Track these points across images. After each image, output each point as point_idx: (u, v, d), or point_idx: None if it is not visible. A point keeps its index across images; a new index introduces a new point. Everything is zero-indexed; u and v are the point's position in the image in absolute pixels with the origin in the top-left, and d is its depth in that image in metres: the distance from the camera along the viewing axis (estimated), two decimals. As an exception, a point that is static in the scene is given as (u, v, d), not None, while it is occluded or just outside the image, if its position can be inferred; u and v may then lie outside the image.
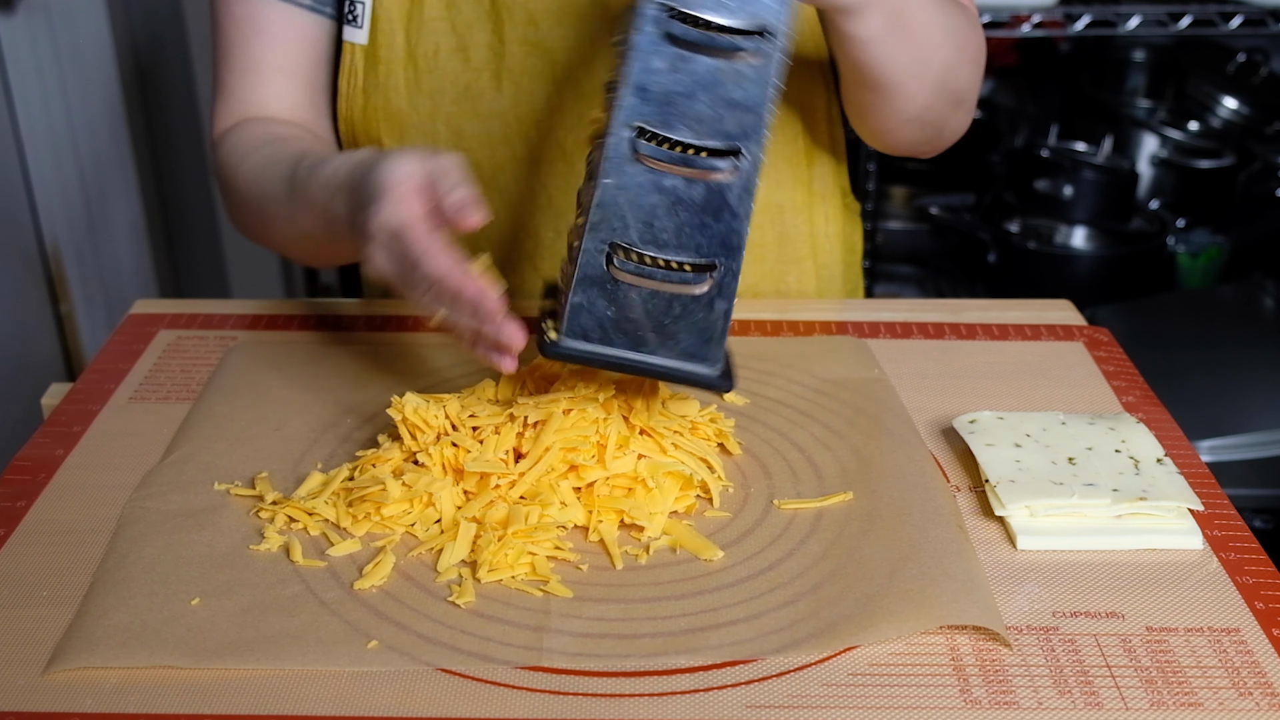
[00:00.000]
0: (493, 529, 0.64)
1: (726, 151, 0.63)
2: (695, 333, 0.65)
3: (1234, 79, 2.05)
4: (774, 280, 0.96)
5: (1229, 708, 0.55)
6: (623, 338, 0.65)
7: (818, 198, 0.95)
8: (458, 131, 0.90)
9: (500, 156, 0.91)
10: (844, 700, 0.55)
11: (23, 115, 1.62)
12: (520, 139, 0.90)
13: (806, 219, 0.95)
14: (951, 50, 0.80)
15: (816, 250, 0.97)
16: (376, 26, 0.88)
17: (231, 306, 0.91)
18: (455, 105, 0.89)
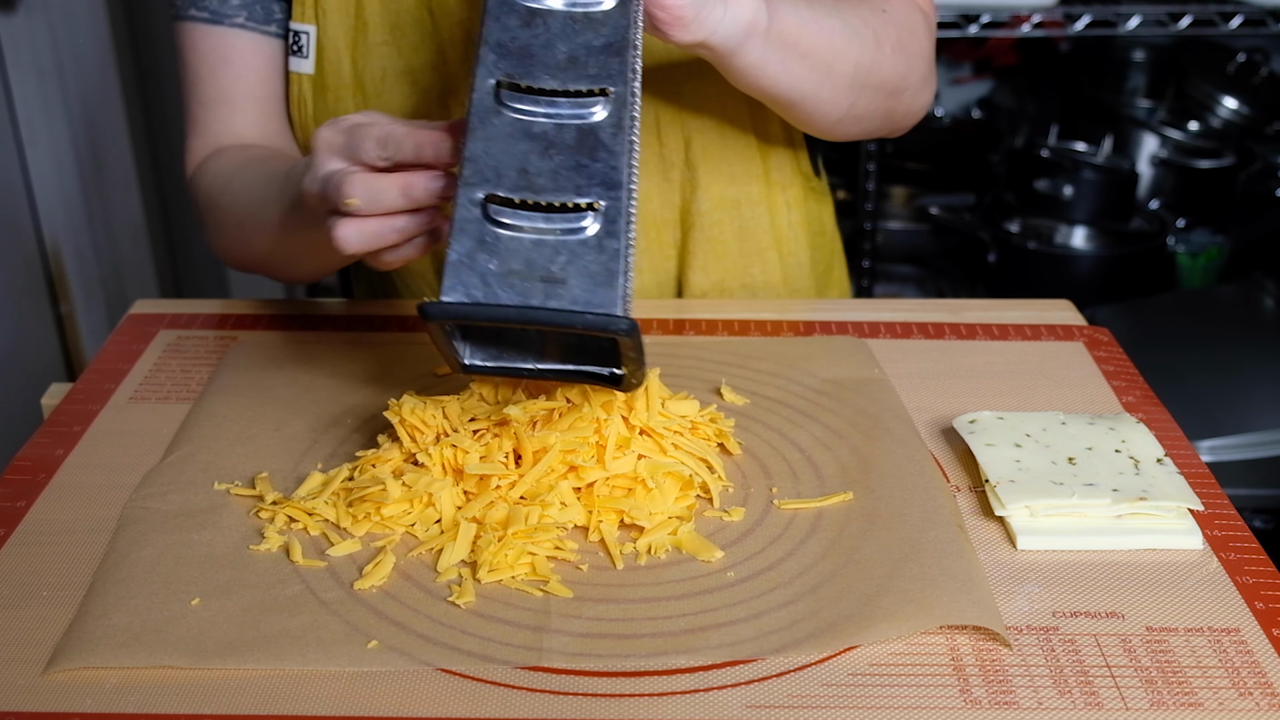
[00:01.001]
0: (493, 529, 0.64)
1: (592, 92, 0.63)
2: (587, 277, 0.62)
3: (1234, 79, 2.05)
4: (738, 275, 0.97)
5: (1229, 708, 0.55)
6: (508, 291, 0.62)
7: (776, 188, 0.95)
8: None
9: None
10: (844, 700, 0.55)
11: (23, 115, 1.62)
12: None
13: (766, 210, 0.95)
14: (861, 48, 0.79)
15: (780, 240, 0.97)
16: (322, 55, 0.88)
17: (231, 306, 0.91)
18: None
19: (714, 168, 0.93)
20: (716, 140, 0.93)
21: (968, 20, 1.69)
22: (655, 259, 0.96)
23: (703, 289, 0.96)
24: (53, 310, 1.73)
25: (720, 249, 0.95)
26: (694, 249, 0.95)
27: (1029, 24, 1.71)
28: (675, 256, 0.97)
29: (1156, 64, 2.17)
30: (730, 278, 0.96)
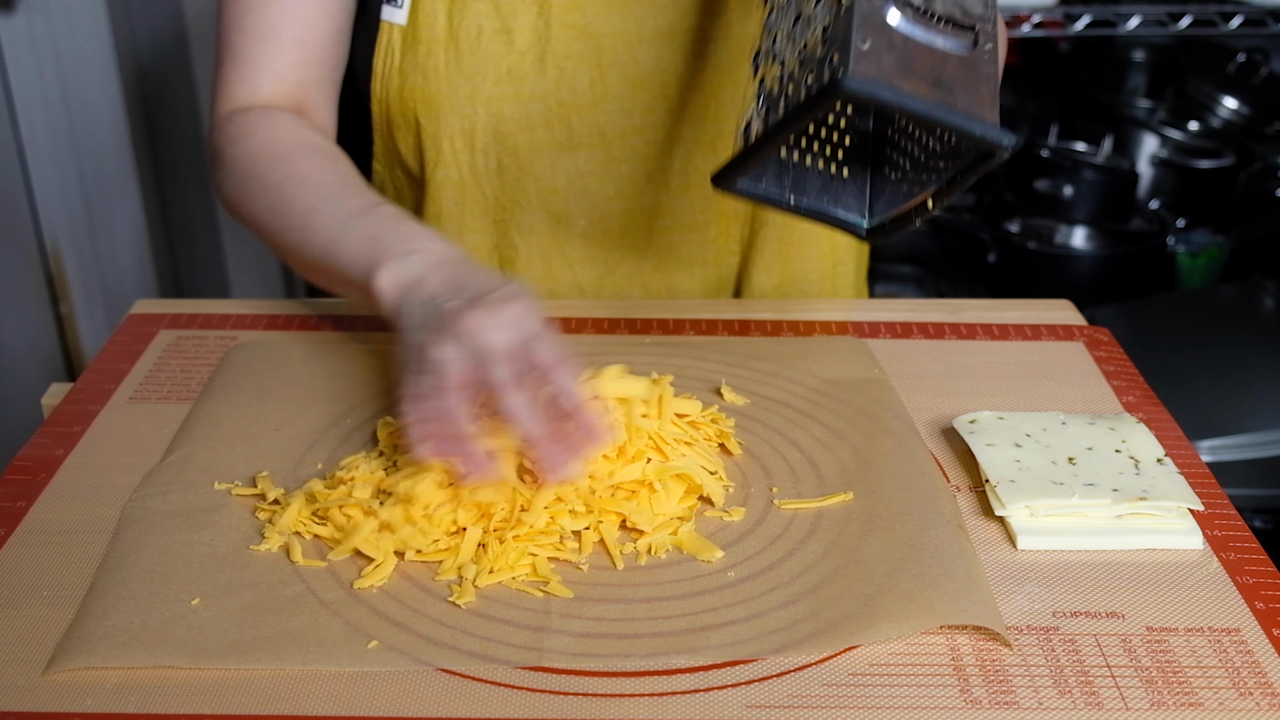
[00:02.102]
0: (493, 532, 0.64)
1: None
2: (971, 93, 0.62)
3: (1234, 79, 2.05)
4: (797, 278, 0.97)
5: (1229, 708, 0.55)
6: (910, 86, 0.62)
7: None
8: (497, 114, 0.89)
9: (538, 140, 0.90)
10: (844, 700, 0.55)
11: (23, 115, 1.62)
12: (560, 124, 0.90)
13: None
14: None
15: (835, 245, 0.97)
16: (418, 7, 0.87)
17: (231, 306, 0.91)
18: (496, 88, 0.88)
19: None
20: None
21: (968, 20, 1.69)
22: (721, 253, 0.96)
23: (763, 289, 0.96)
24: (53, 310, 1.73)
25: (787, 250, 0.95)
26: (761, 247, 0.95)
27: (1029, 24, 1.71)
28: (739, 253, 0.96)
29: (1156, 64, 2.16)
30: (789, 282, 0.96)
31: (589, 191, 0.91)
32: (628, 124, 0.90)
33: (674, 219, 0.94)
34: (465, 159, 0.91)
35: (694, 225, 0.94)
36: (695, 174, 0.93)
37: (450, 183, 0.92)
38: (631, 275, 0.96)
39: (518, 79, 0.88)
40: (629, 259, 0.95)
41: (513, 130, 0.89)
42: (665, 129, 0.91)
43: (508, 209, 0.93)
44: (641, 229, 0.94)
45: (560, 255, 0.94)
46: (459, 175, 0.91)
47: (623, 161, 0.91)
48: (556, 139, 0.90)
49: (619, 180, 0.92)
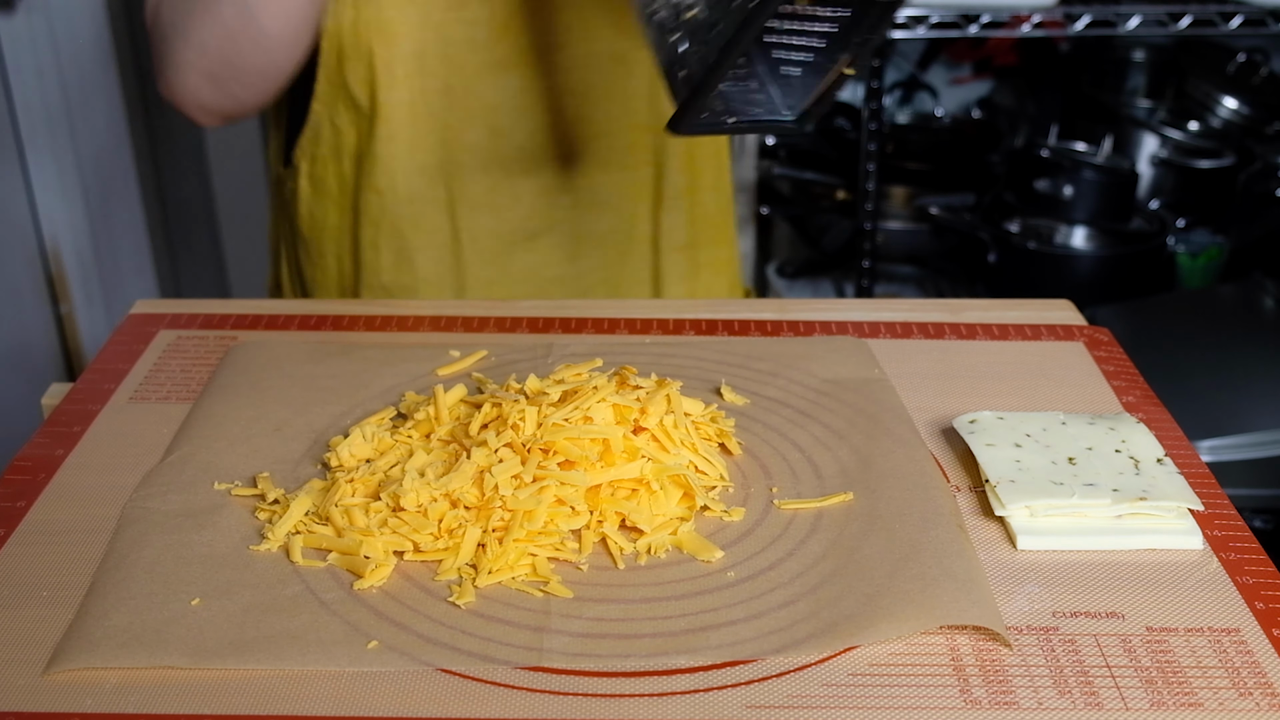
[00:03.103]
0: (493, 532, 0.64)
1: None
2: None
3: (1234, 79, 2.05)
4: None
5: (1229, 708, 0.55)
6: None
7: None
8: (446, 39, 0.96)
9: (481, 61, 0.97)
10: (844, 700, 0.55)
11: (23, 115, 1.62)
12: (500, 44, 0.97)
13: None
14: None
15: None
16: None
17: (231, 306, 0.91)
18: (444, 13, 0.95)
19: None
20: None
21: (968, 20, 1.69)
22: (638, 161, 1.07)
23: (677, 190, 1.08)
24: (53, 310, 1.73)
25: (691, 149, 1.07)
26: (671, 150, 1.06)
27: (1029, 24, 1.71)
28: (653, 163, 1.07)
29: (1156, 64, 2.16)
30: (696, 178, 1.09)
31: (525, 107, 1.00)
32: (553, 41, 0.99)
33: (595, 128, 1.04)
34: (416, 82, 0.98)
35: (612, 132, 1.04)
36: (608, 86, 1.02)
37: (403, 105, 0.99)
38: (560, 184, 1.05)
39: (463, 4, 0.96)
40: (559, 169, 1.04)
41: (459, 53, 0.97)
42: (587, 44, 1.00)
43: (454, 127, 1.00)
44: (569, 140, 1.03)
45: (501, 169, 1.02)
46: (410, 98, 0.98)
47: (549, 76, 1.00)
48: (496, 59, 0.98)
49: (548, 95, 1.01)
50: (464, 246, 1.04)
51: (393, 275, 1.04)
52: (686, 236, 1.10)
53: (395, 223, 1.02)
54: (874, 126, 1.78)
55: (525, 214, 1.04)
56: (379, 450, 0.70)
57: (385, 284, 1.05)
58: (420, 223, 1.03)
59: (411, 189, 1.01)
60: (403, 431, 0.72)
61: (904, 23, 1.70)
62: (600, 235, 1.07)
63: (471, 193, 1.02)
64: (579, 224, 1.06)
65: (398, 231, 1.03)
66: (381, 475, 0.68)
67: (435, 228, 1.03)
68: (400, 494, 0.64)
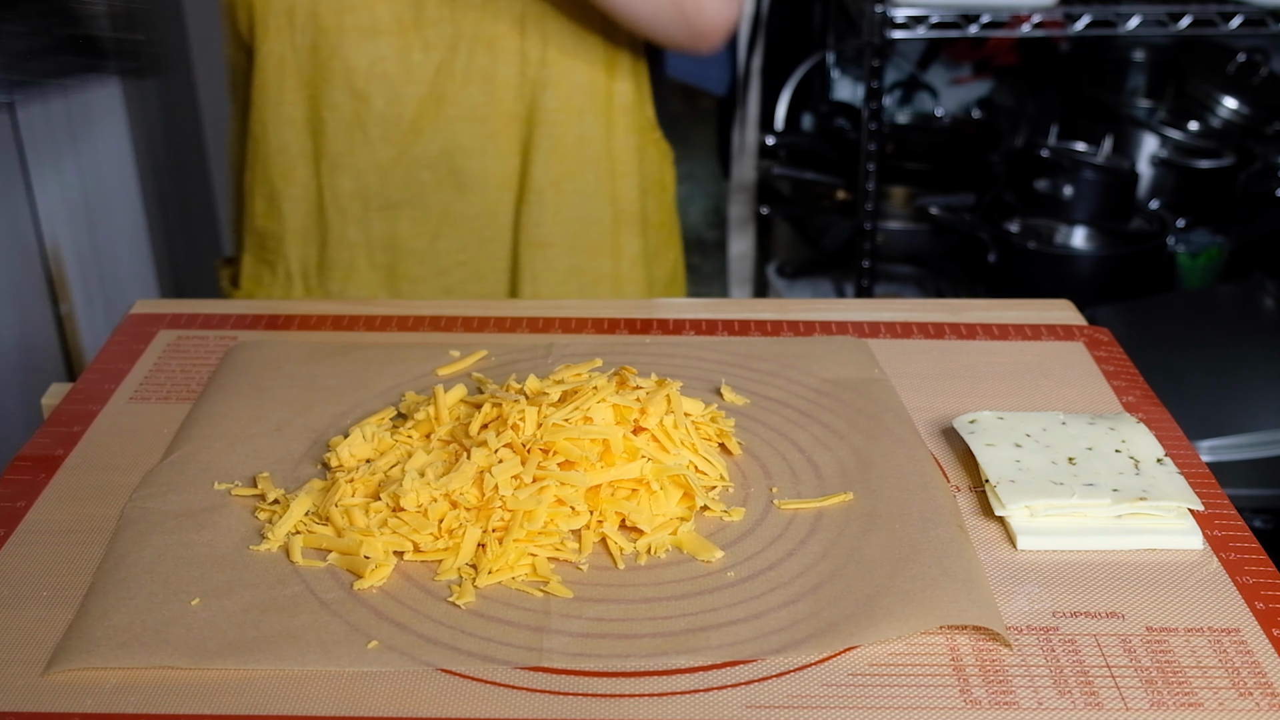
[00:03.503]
0: (493, 532, 0.64)
1: None
2: None
3: (1234, 79, 2.05)
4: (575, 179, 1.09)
5: (1229, 708, 0.55)
6: None
7: (617, 111, 1.09)
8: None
9: (347, 24, 1.02)
10: (844, 700, 0.55)
11: (23, 115, 1.62)
12: (365, 10, 1.02)
13: (604, 124, 1.08)
14: None
15: (613, 159, 1.09)
16: None
17: (231, 306, 0.91)
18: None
19: (565, 71, 1.06)
20: (571, 45, 1.05)
21: (968, 20, 1.69)
22: (502, 149, 1.07)
23: (541, 185, 1.08)
24: (53, 310, 1.73)
25: (562, 149, 1.07)
26: (538, 144, 1.07)
27: (1029, 24, 1.71)
28: (519, 153, 1.08)
29: (1156, 64, 2.16)
30: (567, 179, 1.08)
31: (387, 75, 1.04)
32: (422, 16, 1.02)
33: (458, 109, 1.05)
34: (286, 36, 1.03)
35: (476, 118, 1.06)
36: (478, 70, 1.04)
37: (274, 56, 1.04)
38: (421, 158, 1.07)
39: None
40: (419, 142, 1.06)
41: (326, 12, 1.02)
42: (454, 24, 1.03)
43: (318, 84, 1.04)
44: (430, 115, 1.05)
45: (361, 131, 1.05)
46: (280, 50, 1.04)
47: (416, 50, 1.03)
48: (362, 24, 1.02)
49: (412, 68, 1.04)
50: (327, 204, 1.08)
51: (265, 221, 1.10)
52: (550, 235, 1.10)
53: (267, 171, 1.08)
54: (874, 126, 1.78)
55: (384, 181, 1.07)
56: (379, 450, 0.70)
57: (258, 229, 1.10)
58: (289, 174, 1.08)
59: (281, 139, 1.07)
60: (403, 431, 0.72)
61: (904, 23, 1.70)
62: (460, 217, 1.09)
63: (333, 151, 1.06)
64: (439, 202, 1.08)
65: (269, 179, 1.08)
66: (381, 475, 0.68)
67: (302, 181, 1.08)
68: (400, 494, 0.64)
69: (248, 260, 1.14)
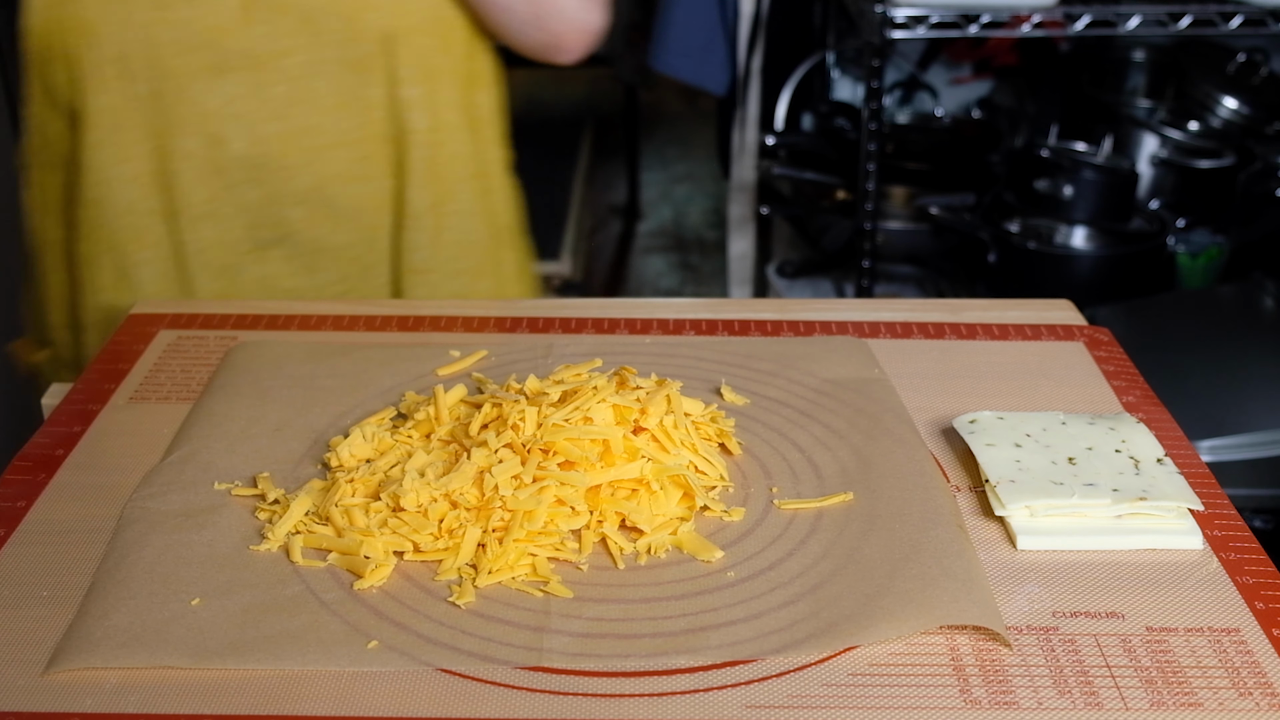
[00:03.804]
0: (493, 532, 0.64)
1: None
2: None
3: (1234, 79, 2.05)
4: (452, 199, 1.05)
5: (1229, 708, 0.55)
6: None
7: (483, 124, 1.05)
8: (151, 41, 0.92)
9: (192, 65, 0.93)
10: (844, 700, 0.55)
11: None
12: (211, 48, 0.93)
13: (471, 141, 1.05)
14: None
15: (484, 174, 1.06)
16: None
17: (231, 306, 0.91)
18: (148, 13, 0.92)
19: (433, 88, 1.01)
20: (437, 61, 1.00)
21: (968, 20, 1.69)
22: (374, 173, 1.01)
23: (419, 210, 1.02)
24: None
25: (436, 169, 1.02)
26: (412, 167, 1.01)
27: (1029, 24, 1.71)
28: (393, 176, 1.02)
29: (1156, 64, 2.16)
30: (445, 200, 1.03)
31: (243, 114, 0.96)
32: (276, 47, 0.95)
33: (327, 138, 0.98)
34: (121, 85, 0.94)
35: (346, 143, 0.99)
36: (346, 94, 0.98)
37: (109, 110, 0.94)
38: (290, 195, 0.99)
39: (168, 5, 0.92)
40: (287, 179, 0.99)
41: (166, 56, 0.93)
42: (313, 50, 0.96)
43: (166, 134, 0.95)
44: (298, 148, 0.98)
45: (221, 178, 0.97)
46: (117, 102, 0.94)
47: (274, 84, 0.96)
48: (208, 63, 0.94)
49: (271, 102, 0.96)
50: (189, 259, 0.98)
51: (113, 294, 0.98)
52: (430, 260, 1.05)
53: (113, 236, 0.97)
54: (874, 126, 1.78)
55: (252, 224, 0.99)
56: (379, 450, 0.70)
57: (105, 304, 0.98)
58: (140, 235, 0.97)
59: (127, 199, 0.96)
60: (403, 431, 0.72)
61: (904, 23, 1.70)
62: (338, 249, 1.02)
63: (191, 203, 0.97)
64: (314, 236, 1.01)
65: (116, 245, 0.97)
66: (381, 475, 0.68)
67: (156, 240, 0.98)
68: (400, 494, 0.64)
69: (91, 341, 1.01)
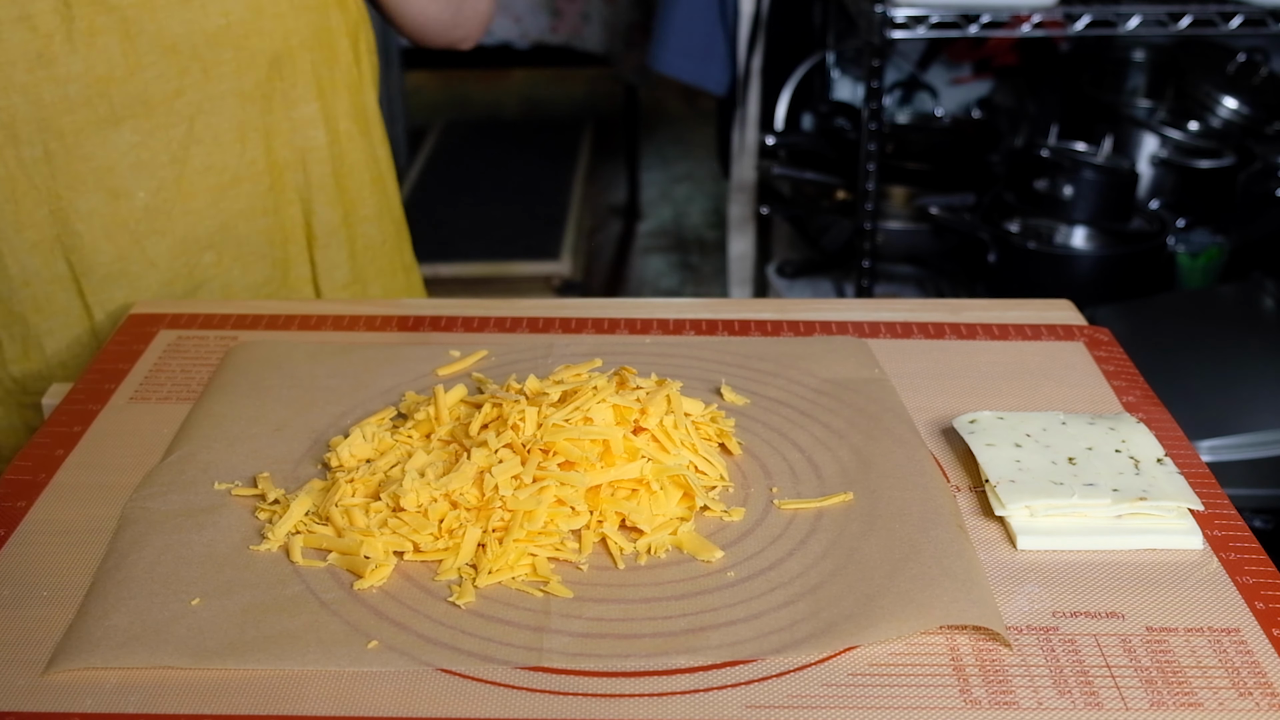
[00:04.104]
0: (493, 532, 0.64)
1: None
2: None
3: (1234, 79, 2.05)
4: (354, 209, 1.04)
5: (1229, 708, 0.55)
6: None
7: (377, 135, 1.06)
8: (36, 101, 0.89)
9: (83, 120, 0.90)
10: (844, 700, 0.55)
11: None
12: (101, 99, 0.90)
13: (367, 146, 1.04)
14: None
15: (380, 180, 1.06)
16: None
17: (231, 306, 0.91)
18: (29, 74, 0.88)
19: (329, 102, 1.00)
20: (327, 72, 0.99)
21: (968, 20, 1.69)
22: (283, 201, 1.00)
23: (330, 228, 1.02)
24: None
25: (340, 183, 1.02)
26: (317, 185, 1.01)
27: (1029, 24, 1.71)
28: (299, 201, 1.01)
29: (1156, 64, 2.16)
30: (351, 212, 1.03)
31: (143, 162, 0.92)
32: (167, 88, 0.92)
33: (233, 174, 0.96)
34: (10, 152, 0.89)
35: (250, 176, 0.97)
36: (247, 126, 0.95)
37: (1, 178, 0.90)
38: (200, 240, 0.96)
39: (49, 62, 0.88)
40: (196, 224, 0.96)
41: (56, 114, 0.89)
42: (197, 89, 0.93)
43: (64, 196, 0.92)
44: (203, 189, 0.95)
45: (127, 233, 0.93)
46: (6, 171, 0.89)
47: (170, 126, 0.93)
48: (100, 115, 0.90)
49: (170, 146, 0.93)
50: (100, 323, 0.95)
51: (22, 365, 0.95)
52: (350, 273, 1.04)
53: (16, 309, 0.93)
54: (874, 126, 1.78)
55: (166, 278, 0.96)
56: (379, 450, 0.70)
57: (16, 376, 0.95)
58: (45, 305, 0.93)
59: (27, 269, 0.92)
60: (403, 431, 0.72)
61: (904, 23, 1.70)
62: (256, 285, 1.00)
63: (98, 264, 0.93)
64: (231, 277, 0.98)
65: (20, 318, 0.93)
66: (381, 475, 0.68)
67: (63, 308, 0.94)
68: (400, 494, 0.64)
69: (3, 414, 0.97)
